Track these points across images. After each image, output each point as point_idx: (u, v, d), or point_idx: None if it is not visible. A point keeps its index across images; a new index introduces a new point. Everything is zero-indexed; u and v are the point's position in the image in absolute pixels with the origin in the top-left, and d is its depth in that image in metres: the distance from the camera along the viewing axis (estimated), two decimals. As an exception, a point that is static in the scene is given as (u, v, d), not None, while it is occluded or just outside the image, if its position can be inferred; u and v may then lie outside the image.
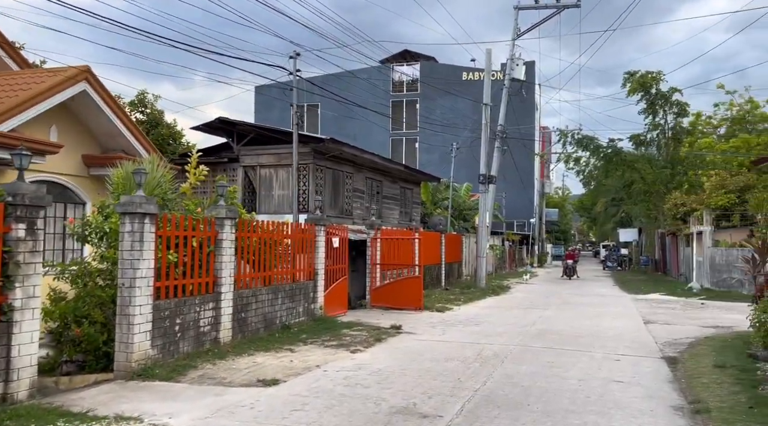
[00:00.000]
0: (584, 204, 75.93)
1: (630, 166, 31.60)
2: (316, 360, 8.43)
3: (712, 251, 21.07)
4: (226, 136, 16.83)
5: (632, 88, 29.84)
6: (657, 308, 16.50)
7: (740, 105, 40.32)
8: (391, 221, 20.84)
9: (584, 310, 15.68)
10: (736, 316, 14.74)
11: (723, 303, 18.11)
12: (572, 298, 19.66)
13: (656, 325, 12.83)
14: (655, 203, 32.07)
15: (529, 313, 14.79)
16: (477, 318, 13.68)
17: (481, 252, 21.72)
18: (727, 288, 20.62)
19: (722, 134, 41.17)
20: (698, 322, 13.57)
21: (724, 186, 24.93)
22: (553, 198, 76.16)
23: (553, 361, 8.60)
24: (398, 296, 14.52)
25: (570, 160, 33.46)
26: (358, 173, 18.53)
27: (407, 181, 22.66)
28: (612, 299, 19.42)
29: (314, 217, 12.11)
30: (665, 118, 30.51)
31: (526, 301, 18.34)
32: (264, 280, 10.35)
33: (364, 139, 47.93)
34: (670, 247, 31.45)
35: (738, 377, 7.49)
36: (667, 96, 29.56)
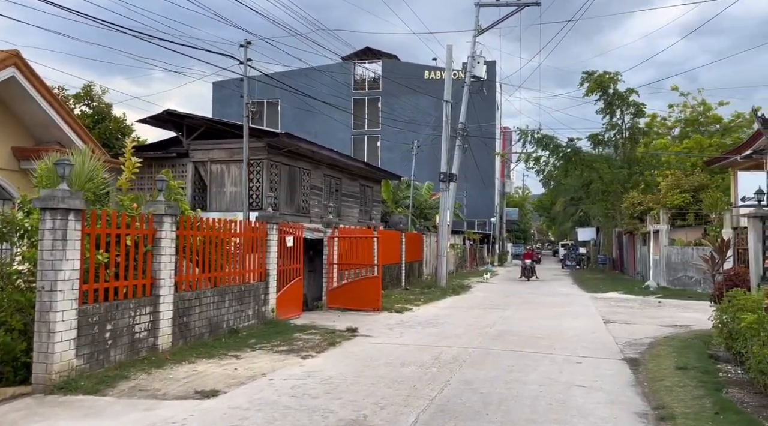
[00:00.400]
0: (544, 204, 77.02)
1: (588, 166, 31.89)
2: (262, 367, 7.85)
3: (668, 250, 21.30)
4: (175, 129, 16.01)
5: (590, 88, 30.09)
6: (616, 307, 16.47)
7: (693, 106, 41.42)
8: (350, 220, 20.32)
9: (544, 310, 15.50)
10: (692, 314, 14.80)
11: (679, 301, 18.26)
12: (532, 297, 19.53)
13: (616, 325, 12.69)
14: (612, 202, 32.47)
15: (489, 314, 14.50)
16: (436, 319, 13.29)
17: (441, 251, 21.41)
18: (682, 286, 20.87)
19: (676, 135, 42.22)
20: (656, 321, 13.51)
21: (679, 186, 25.36)
22: (513, 197, 76.99)
23: (513, 365, 8.24)
24: (356, 297, 14.02)
25: (530, 159, 33.58)
26: (316, 170, 17.93)
27: (367, 179, 22.16)
28: (572, 298, 19.37)
29: (266, 215, 11.48)
30: (622, 118, 30.91)
31: (487, 300, 18.09)
32: (210, 281, 9.69)
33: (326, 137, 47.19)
34: (627, 246, 31.89)
35: (701, 380, 7.27)
36: (625, 96, 29.94)
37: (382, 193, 31.99)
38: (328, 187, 18.83)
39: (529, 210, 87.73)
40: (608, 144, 31.85)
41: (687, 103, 41.61)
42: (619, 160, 32.11)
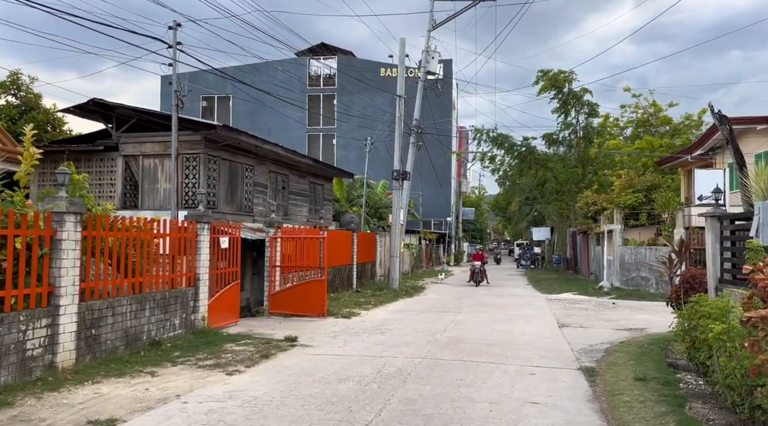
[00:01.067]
0: (500, 203, 77.51)
1: (543, 165, 31.78)
2: (179, 387, 6.87)
3: (622, 250, 21.15)
4: (104, 121, 14.71)
5: (544, 86, 29.94)
6: (570, 309, 16.06)
7: (645, 108, 42.09)
8: (299, 219, 19.35)
9: (498, 313, 14.93)
10: (646, 316, 14.50)
11: (633, 302, 18.05)
12: (486, 298, 19.01)
13: (571, 329, 12.18)
14: (566, 202, 32.47)
15: (440, 318, 13.81)
16: (385, 324, 12.50)
17: (394, 251, 20.68)
18: (635, 286, 20.75)
19: (628, 136, 42.82)
20: (611, 324, 13.10)
21: (632, 185, 25.38)
22: (469, 197, 77.18)
23: (462, 379, 7.51)
24: (300, 302, 13.09)
25: (485, 158, 33.25)
26: (261, 166, 16.89)
27: (317, 177, 21.22)
28: (526, 299, 18.93)
29: (196, 214, 10.44)
30: (577, 117, 30.92)
31: (439, 303, 17.44)
32: (127, 288, 8.62)
33: (280, 134, 46.01)
34: (581, 246, 31.93)
35: (662, 393, 6.70)
36: (579, 96, 29.92)
37: (335, 192, 31.09)
38: (274, 184, 17.82)
39: (486, 210, 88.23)
40: (563, 143, 31.82)
41: (639, 104, 42.26)
42: (573, 159, 32.12)
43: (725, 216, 9.63)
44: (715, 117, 10.92)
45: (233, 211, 15.33)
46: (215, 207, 14.47)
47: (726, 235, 9.68)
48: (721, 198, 9.67)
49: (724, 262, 9.66)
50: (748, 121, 20.15)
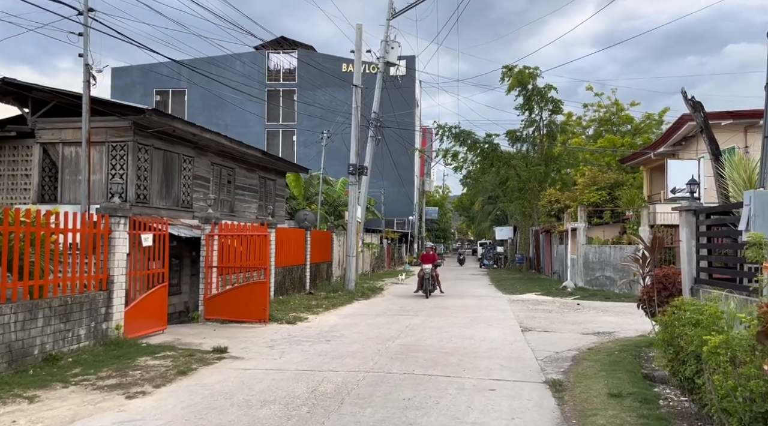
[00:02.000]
0: (464, 203, 77.17)
1: (506, 163, 31.09)
2: (58, 417, 5.55)
3: (586, 249, 20.46)
4: (18, 104, 13.07)
5: (511, 85, 29.23)
6: (534, 311, 15.18)
7: (607, 107, 42.02)
8: (247, 216, 17.99)
9: (458, 316, 13.90)
10: (613, 318, 13.70)
11: (598, 303, 17.31)
12: (446, 300, 17.99)
13: (534, 334, 11.23)
14: (529, 201, 31.86)
15: (395, 322, 12.69)
16: (333, 331, 11.31)
17: (350, 250, 19.49)
18: (600, 286, 20.08)
19: (591, 135, 42.69)
20: (578, 327, 12.22)
21: (596, 183, 24.80)
22: (433, 197, 76.62)
23: (410, 398, 6.39)
24: (239, 306, 11.78)
25: (447, 155, 32.37)
26: (202, 157, 15.48)
27: (268, 171, 19.87)
28: (488, 301, 18.01)
29: (110, 207, 9.04)
30: (540, 114, 30.30)
31: (397, 305, 16.33)
32: (22, 293, 7.22)
33: (238, 130, 44.27)
34: (544, 245, 31.34)
35: (641, 413, 5.71)
36: (543, 92, 29.30)
37: (292, 189, 29.73)
38: (217, 177, 16.42)
39: (449, 209, 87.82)
40: (526, 141, 31.17)
41: (601, 103, 42.23)
42: (536, 157, 31.52)
43: (701, 210, 8.78)
44: (688, 104, 10.10)
45: (169, 206, 13.89)
46: (146, 201, 13.02)
47: (702, 231, 8.83)
48: (697, 190, 8.87)
49: (700, 261, 8.81)
50: (714, 116, 19.66)
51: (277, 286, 16.16)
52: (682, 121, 22.08)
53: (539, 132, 31.02)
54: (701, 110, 9.94)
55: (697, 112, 9.93)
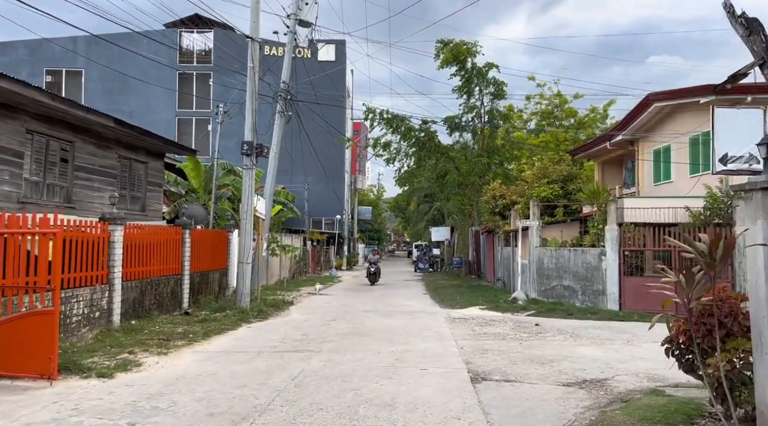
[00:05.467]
0: (399, 204, 73.69)
1: (444, 154, 27.31)
2: None
3: (540, 252, 16.79)
4: None
5: (445, 59, 25.40)
6: (483, 337, 11.19)
7: (550, 98, 39.25)
8: (95, 208, 13.09)
9: (379, 350, 9.70)
10: (593, 351, 9.84)
11: (560, 322, 13.58)
12: (369, 320, 13.79)
13: (492, 389, 7.16)
14: (470, 197, 28.24)
15: (281, 367, 8.32)
16: (163, 394, 6.80)
17: (245, 255, 14.89)
18: (556, 298, 16.46)
19: (533, 129, 39.81)
20: (551, 370, 8.28)
21: (547, 175, 21.33)
22: (367, 196, 72.64)
23: None
24: (9, 351, 7.05)
25: (378, 145, 28.29)
26: (7, 121, 10.55)
27: (135, 150, 15.02)
28: (423, 320, 13.93)
29: None
30: (481, 99, 26.71)
31: (298, 332, 11.93)
32: None
33: (145, 118, 38.49)
34: (485, 247, 27.78)
35: None
36: (484, 73, 25.71)
37: (191, 180, 24.78)
38: (39, 152, 11.49)
39: (384, 210, 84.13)
40: (466, 129, 27.54)
41: (543, 94, 39.44)
42: (477, 148, 27.93)
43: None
44: (737, 22, 6.27)
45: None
46: None
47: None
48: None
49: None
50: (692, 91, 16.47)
51: (128, 306, 11.44)
52: (647, 102, 18.85)
53: (480, 119, 27.42)
54: (761, 32, 6.16)
55: (755, 35, 6.13)
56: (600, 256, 15.63)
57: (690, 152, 17.87)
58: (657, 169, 20.14)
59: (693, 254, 4.87)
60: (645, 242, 15.26)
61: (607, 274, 15.46)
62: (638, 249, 15.40)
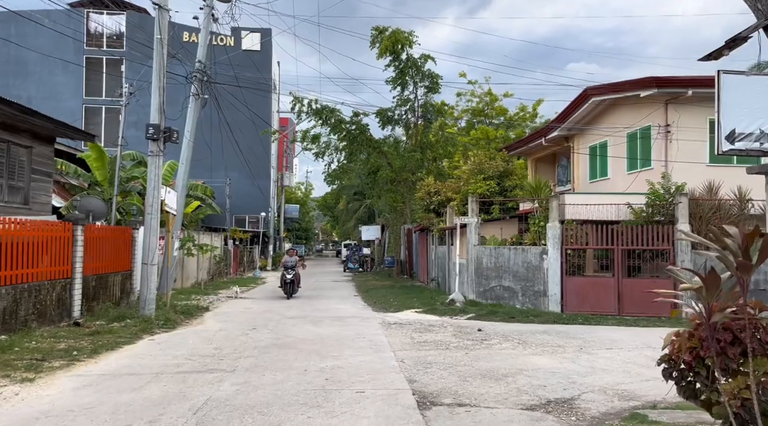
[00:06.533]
0: (328, 202, 71.99)
1: (376, 148, 26.04)
2: None
3: (479, 251, 15.81)
4: None
5: (383, 48, 24.11)
6: (424, 347, 9.93)
7: (480, 96, 38.95)
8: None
9: (306, 367, 8.20)
10: (546, 362, 8.77)
11: (504, 326, 12.58)
12: (294, 329, 12.22)
13: (443, 416, 5.87)
14: (402, 194, 27.10)
15: (184, 395, 6.66)
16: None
17: (149, 255, 12.89)
18: (496, 299, 15.52)
19: (464, 127, 39.37)
20: (506, 387, 7.10)
21: (483, 171, 20.48)
22: (295, 194, 70.42)
23: None
24: None
25: (306, 137, 26.63)
26: None
27: (17, 132, 12.68)
28: (355, 326, 12.53)
29: None
30: (415, 91, 25.64)
31: (210, 345, 10.19)
32: None
33: (47, 105, 34.72)
34: (418, 246, 26.76)
35: None
36: (419, 64, 24.65)
37: (94, 171, 22.18)
38: None
39: (313, 208, 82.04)
40: (399, 122, 26.38)
41: (474, 92, 39.09)
42: (411, 142, 26.85)
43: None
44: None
45: None
46: None
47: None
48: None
49: None
50: (632, 85, 15.98)
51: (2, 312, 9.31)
52: (585, 96, 18.35)
53: (414, 113, 26.35)
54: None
55: None
56: (542, 255, 14.82)
57: (628, 148, 17.50)
58: (593, 165, 19.76)
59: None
60: (587, 240, 14.58)
61: (549, 274, 14.67)
62: (581, 247, 14.71)
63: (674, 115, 15.44)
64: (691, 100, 15.21)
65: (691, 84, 14.93)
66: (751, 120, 4.91)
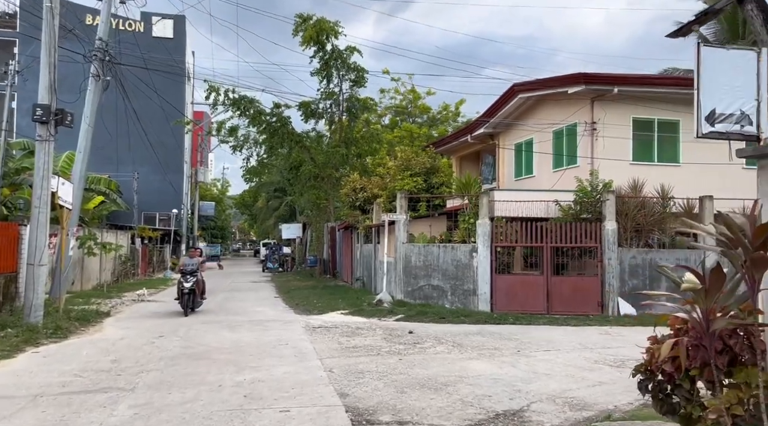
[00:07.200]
0: (246, 200, 69.52)
1: (298, 142, 24.89)
2: None
3: (408, 249, 15.19)
4: None
5: (307, 37, 22.97)
6: (354, 353, 9.09)
7: (404, 94, 38.64)
8: None
9: (220, 383, 7.13)
10: (485, 367, 8.15)
11: (435, 327, 11.98)
12: (208, 333, 11.02)
13: (387, 440, 5.07)
14: (326, 190, 26.12)
15: (65, 424, 5.45)
16: None
17: (37, 255, 11.19)
18: (424, 299, 14.95)
19: (387, 124, 38.90)
20: (448, 399, 6.43)
21: (410, 167, 19.93)
22: (210, 191, 67.33)
23: None
24: None
25: (222, 128, 25.04)
26: None
27: None
28: (276, 331, 11.48)
29: None
30: (341, 84, 24.70)
31: (107, 356, 8.82)
32: None
33: None
34: (342, 245, 25.89)
35: None
36: (345, 57, 23.74)
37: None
38: None
39: (230, 206, 78.99)
40: (323, 116, 25.35)
41: (398, 89, 38.73)
42: (335, 138, 25.91)
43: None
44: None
45: None
46: None
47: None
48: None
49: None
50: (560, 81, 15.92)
51: None
52: (512, 92, 18.21)
53: (339, 107, 25.43)
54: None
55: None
56: (471, 252, 14.40)
57: (554, 145, 17.51)
58: (519, 163, 19.71)
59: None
60: (517, 237, 14.31)
61: (479, 273, 14.27)
62: (511, 245, 14.42)
63: (600, 113, 15.52)
64: (616, 98, 15.34)
65: (617, 81, 15.05)
66: (731, 99, 4.49)
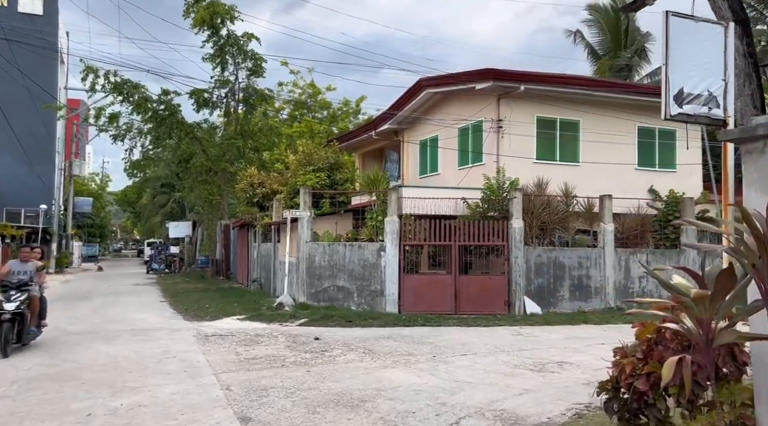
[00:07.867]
0: (128, 197, 64.60)
1: (189, 133, 23.01)
2: None
3: (311, 248, 14.23)
4: None
5: (199, 19, 21.18)
6: (255, 365, 8.02)
7: (303, 88, 37.44)
8: None
9: (90, 411, 5.81)
10: (402, 376, 7.39)
11: (342, 332, 11.15)
12: (79, 346, 9.43)
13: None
14: (219, 186, 24.39)
15: None
16: None
17: None
18: (329, 301, 14.06)
19: (286, 118, 37.49)
20: (368, 418, 5.67)
21: (312, 162, 18.90)
22: (88, 186, 61.76)
23: None
24: None
25: (101, 115, 22.58)
26: None
27: None
28: (162, 343, 10.06)
29: None
30: (236, 73, 23.13)
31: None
32: None
33: None
34: (238, 244, 24.31)
35: None
36: (241, 43, 22.23)
37: None
38: None
39: (110, 202, 73.06)
40: (218, 105, 23.63)
41: (297, 83, 37.44)
42: (230, 130, 24.27)
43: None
44: None
45: None
46: None
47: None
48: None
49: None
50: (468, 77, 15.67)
51: None
52: (419, 87, 17.82)
53: (234, 97, 23.83)
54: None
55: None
56: (379, 251, 13.73)
57: (459, 142, 17.31)
58: (423, 160, 19.38)
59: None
60: (425, 236, 13.82)
61: (387, 273, 13.63)
62: (419, 243, 13.91)
63: (506, 111, 15.47)
64: (522, 96, 15.36)
65: (524, 78, 15.06)
66: (699, 78, 4.11)
